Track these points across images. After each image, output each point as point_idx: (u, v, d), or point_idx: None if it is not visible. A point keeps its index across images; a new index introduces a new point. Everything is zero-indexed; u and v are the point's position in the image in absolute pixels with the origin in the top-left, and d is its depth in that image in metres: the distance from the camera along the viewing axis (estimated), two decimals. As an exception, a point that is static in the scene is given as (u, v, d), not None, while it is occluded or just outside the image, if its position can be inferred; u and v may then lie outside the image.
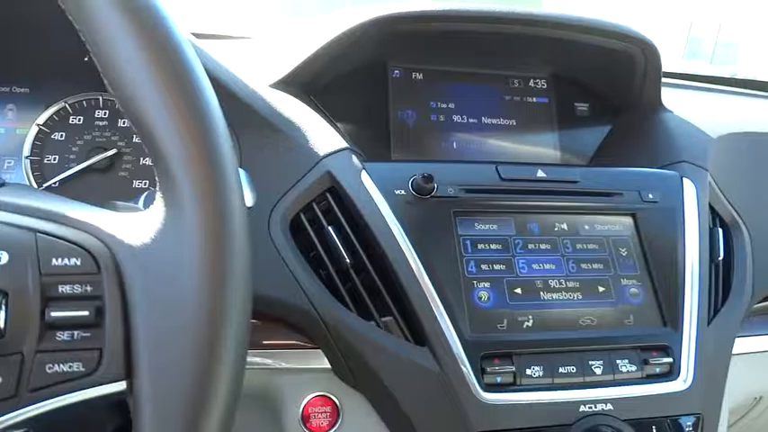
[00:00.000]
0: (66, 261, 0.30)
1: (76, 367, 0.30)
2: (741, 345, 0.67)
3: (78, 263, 0.30)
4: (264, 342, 0.57)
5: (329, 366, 0.57)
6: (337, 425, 0.57)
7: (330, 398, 0.58)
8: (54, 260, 0.30)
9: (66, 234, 0.31)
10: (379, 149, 0.74)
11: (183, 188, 0.30)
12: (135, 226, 0.32)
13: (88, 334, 0.30)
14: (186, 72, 0.31)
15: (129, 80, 0.30)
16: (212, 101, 0.33)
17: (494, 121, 0.80)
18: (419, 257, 0.56)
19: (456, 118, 0.79)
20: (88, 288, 0.30)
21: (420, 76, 0.79)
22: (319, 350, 0.57)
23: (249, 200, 0.44)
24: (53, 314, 0.30)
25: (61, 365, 0.30)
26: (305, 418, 0.57)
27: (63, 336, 0.30)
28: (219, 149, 0.32)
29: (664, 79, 1.00)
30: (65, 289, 0.30)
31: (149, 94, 0.30)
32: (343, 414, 0.58)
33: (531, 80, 0.82)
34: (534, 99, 0.82)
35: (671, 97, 0.82)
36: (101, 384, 0.30)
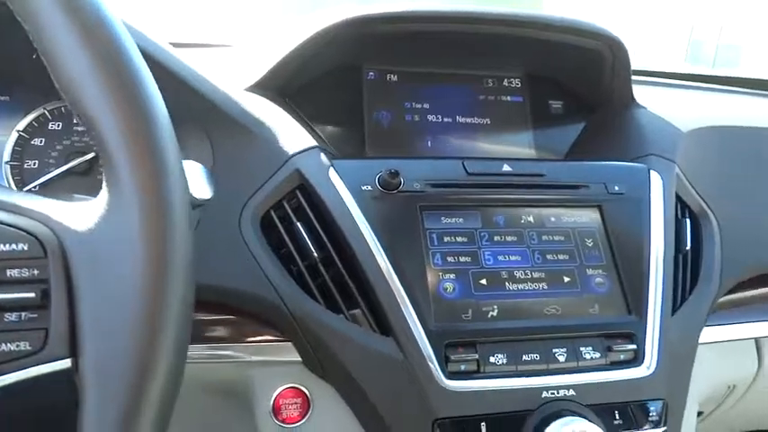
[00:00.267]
0: (14, 246, 0.32)
1: (23, 346, 0.32)
2: (711, 334, 0.68)
3: (26, 248, 0.32)
4: (235, 336, 0.59)
5: (299, 359, 0.58)
6: (308, 415, 0.59)
7: (301, 389, 0.59)
8: (2, 246, 0.32)
9: (15, 221, 0.33)
10: (355, 149, 0.76)
11: (123, 177, 0.32)
12: (82, 214, 0.34)
13: (35, 315, 0.32)
14: (126, 67, 0.33)
15: (73, 77, 0.32)
16: (154, 96, 0.34)
17: (468, 120, 0.82)
18: (385, 251, 0.58)
19: (431, 118, 0.81)
20: (35, 272, 0.32)
21: (395, 78, 0.81)
22: (290, 343, 0.58)
23: (206, 193, 0.45)
24: (1, 296, 0.32)
25: (9, 344, 0.31)
26: (276, 410, 0.58)
27: (11, 317, 0.32)
28: (159, 141, 0.33)
29: (641, 77, 1.02)
30: (12, 273, 0.32)
31: (92, 91, 0.32)
32: (313, 405, 0.59)
33: (506, 80, 0.84)
34: (509, 98, 0.84)
35: (647, 95, 0.84)
36: (46, 362, 0.32)
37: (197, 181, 0.44)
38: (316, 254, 0.58)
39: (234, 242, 0.58)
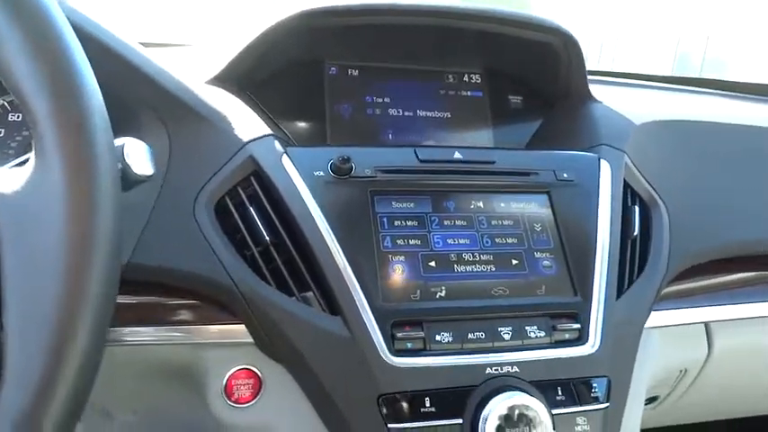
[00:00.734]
0: None
1: None
2: (661, 318, 0.70)
3: None
4: (188, 319, 0.60)
5: (252, 341, 0.60)
6: (259, 395, 0.60)
7: (253, 371, 0.60)
8: None
9: None
10: (317, 143, 0.78)
11: (48, 143, 0.34)
12: (10, 179, 0.36)
13: None
14: (54, 39, 0.35)
15: (3, 54, 0.34)
16: (82, 68, 0.36)
17: (429, 114, 0.84)
18: (336, 234, 0.59)
19: (392, 111, 0.83)
20: None
21: (356, 73, 0.83)
22: (242, 325, 0.60)
23: (148, 169, 0.47)
24: None
25: None
26: (228, 391, 0.59)
27: None
28: (85, 108, 0.35)
29: (600, 77, 1.05)
30: None
31: (20, 61, 0.33)
32: (265, 385, 0.60)
33: (466, 75, 0.86)
34: (469, 93, 0.86)
35: (604, 93, 0.86)
36: None
37: (139, 157, 0.45)
38: (268, 238, 0.59)
39: (188, 227, 0.59)
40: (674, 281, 0.72)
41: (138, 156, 0.45)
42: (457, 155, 0.67)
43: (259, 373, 0.60)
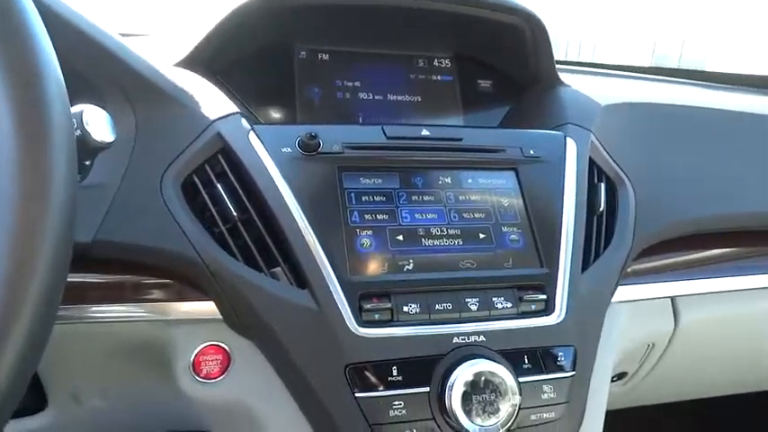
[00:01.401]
0: None
1: None
2: (628, 292, 0.71)
3: None
4: (156, 295, 0.60)
5: (220, 316, 0.60)
6: (228, 371, 0.60)
7: (221, 346, 0.60)
8: None
9: None
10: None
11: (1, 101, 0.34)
12: None
13: None
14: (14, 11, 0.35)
15: None
16: (38, 32, 0.36)
17: (399, 97, 0.84)
18: (304, 210, 0.59)
19: (362, 95, 0.83)
20: None
21: (326, 57, 0.83)
22: (210, 301, 0.59)
23: (107, 136, 0.47)
24: None
25: None
26: (196, 367, 0.59)
27: None
28: (36, 69, 0.35)
29: (571, 66, 1.07)
30: None
31: None
32: (233, 360, 0.60)
33: (436, 60, 0.87)
34: (439, 77, 0.87)
35: (574, 80, 0.87)
36: None
37: (98, 124, 0.45)
38: (236, 214, 0.59)
39: (155, 204, 0.59)
40: (641, 258, 0.73)
41: (98, 123, 0.45)
42: (424, 132, 0.68)
43: (227, 348, 0.60)
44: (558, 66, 0.85)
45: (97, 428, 0.80)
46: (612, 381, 0.80)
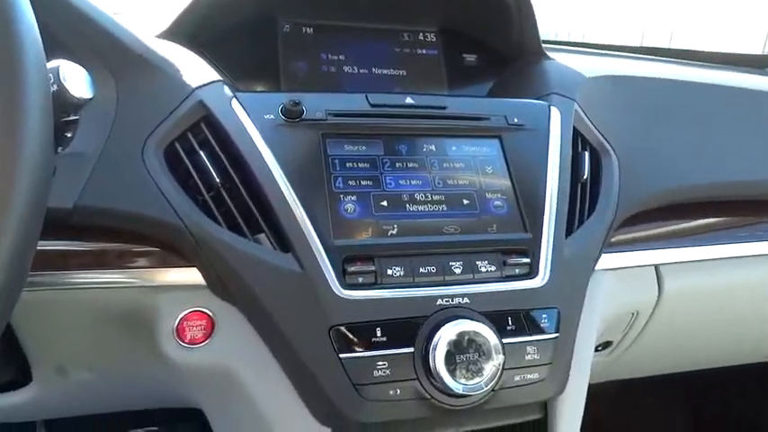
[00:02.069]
0: None
1: None
2: (611, 260, 0.72)
3: None
4: (139, 263, 0.60)
5: (203, 282, 0.59)
6: (212, 336, 0.60)
7: (205, 312, 0.60)
8: None
9: None
10: None
11: None
12: None
13: None
14: None
15: None
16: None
17: (384, 71, 0.84)
18: (287, 176, 0.59)
19: (347, 69, 0.83)
20: None
21: (310, 31, 0.83)
22: (194, 267, 0.59)
23: (85, 92, 0.46)
24: None
25: None
26: (179, 332, 0.59)
27: None
28: (11, 13, 0.34)
29: (557, 45, 1.07)
30: None
31: None
32: (217, 326, 0.60)
33: (421, 33, 0.87)
34: (423, 51, 0.87)
35: (565, 59, 0.87)
36: None
37: (76, 80, 0.45)
38: (218, 180, 0.59)
39: (136, 171, 0.58)
40: (625, 227, 0.74)
41: (75, 78, 0.45)
42: (408, 100, 0.68)
43: (211, 314, 0.60)
44: (543, 45, 0.85)
45: (83, 403, 0.80)
46: (597, 350, 0.81)
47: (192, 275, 0.60)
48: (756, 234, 0.83)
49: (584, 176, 0.70)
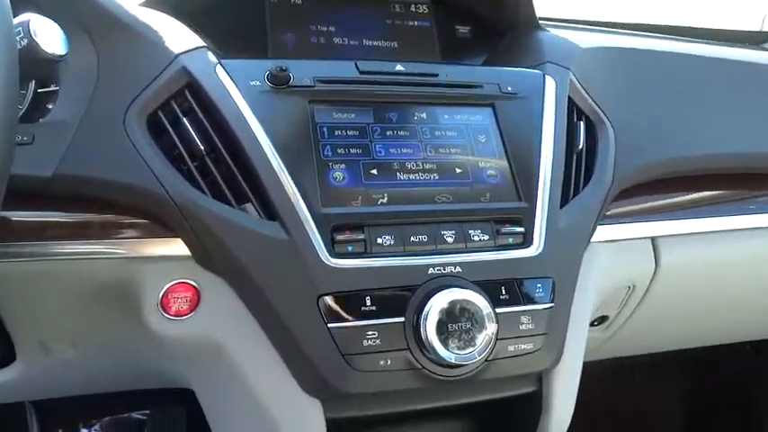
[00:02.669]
0: None
1: None
2: (608, 232, 0.70)
3: None
4: (122, 233, 0.58)
5: (189, 253, 0.58)
6: (197, 308, 0.58)
7: (190, 284, 0.58)
8: None
9: None
10: None
11: None
12: None
13: None
14: None
15: None
16: None
17: (375, 43, 0.82)
18: (273, 143, 0.57)
19: (337, 40, 0.81)
20: None
21: (299, 1, 0.81)
22: (178, 238, 0.58)
23: (59, 48, 0.44)
24: None
25: None
26: (164, 305, 0.57)
27: None
28: None
29: (550, 22, 1.05)
30: None
31: None
32: (203, 297, 0.58)
33: (413, 4, 0.85)
34: (415, 23, 0.85)
35: (560, 34, 0.85)
36: None
37: (48, 35, 0.43)
38: (203, 147, 0.57)
39: (118, 139, 0.57)
40: (621, 200, 0.72)
41: (47, 33, 0.43)
42: (399, 67, 0.66)
43: (197, 285, 0.58)
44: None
45: (71, 383, 0.78)
46: (593, 325, 0.80)
47: (176, 246, 0.58)
48: (753, 207, 0.82)
49: (580, 147, 0.68)
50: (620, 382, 1.37)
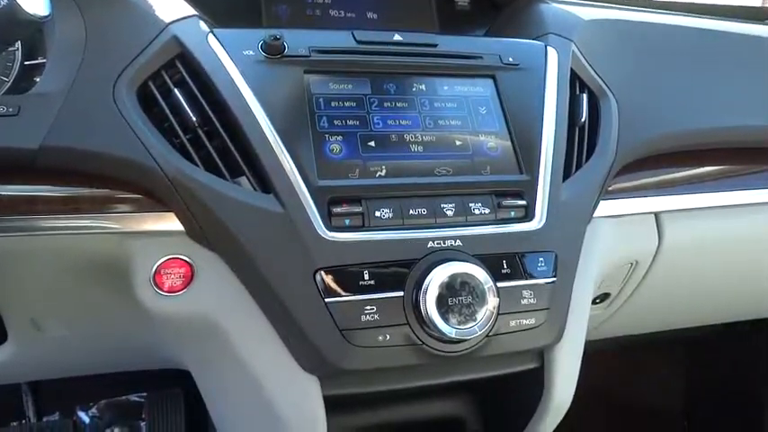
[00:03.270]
0: None
1: None
2: (611, 207, 0.69)
3: None
4: (111, 208, 0.56)
5: (182, 228, 0.56)
6: (191, 284, 0.57)
7: (184, 260, 0.57)
8: None
9: None
10: None
11: None
12: None
13: None
14: None
15: None
16: None
17: (372, 15, 0.80)
18: (268, 114, 0.56)
19: (333, 13, 0.79)
20: None
21: (294, -28, 0.78)
22: (171, 213, 0.56)
23: (41, 9, 0.42)
24: None
25: None
26: (157, 281, 0.56)
27: None
28: None
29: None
30: None
31: None
32: (197, 274, 0.57)
33: None
34: None
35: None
36: None
37: None
38: (195, 119, 0.55)
39: (107, 111, 0.55)
40: (624, 175, 0.71)
41: None
42: (397, 37, 0.64)
43: (190, 261, 0.57)
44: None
45: (64, 364, 0.77)
46: (595, 303, 0.79)
47: (168, 221, 0.56)
48: (759, 182, 0.80)
49: (582, 119, 0.67)
50: (614, 366, 1.36)
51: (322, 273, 0.52)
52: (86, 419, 1.09)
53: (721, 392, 1.35)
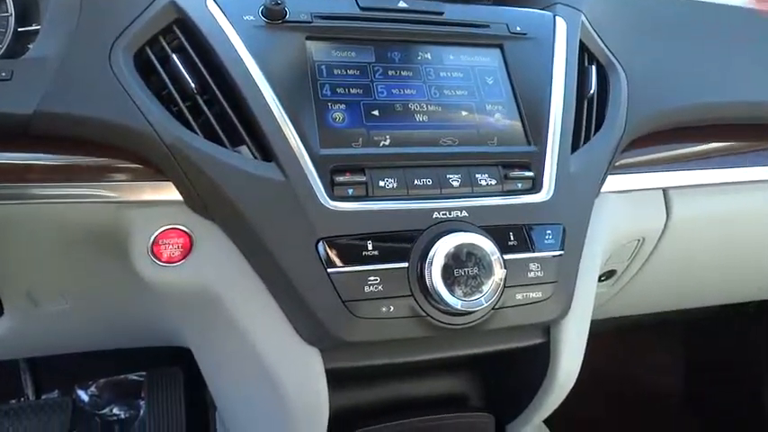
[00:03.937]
0: None
1: None
2: (619, 182, 0.68)
3: None
4: (108, 176, 0.55)
5: (180, 198, 0.55)
6: (189, 255, 0.55)
7: (182, 230, 0.55)
8: None
9: None
10: None
11: None
12: None
13: None
14: None
15: None
16: None
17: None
18: (269, 81, 0.54)
19: None
20: None
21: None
22: (169, 181, 0.55)
23: None
24: None
25: None
26: (155, 251, 0.55)
27: None
28: None
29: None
30: None
31: None
32: (196, 244, 0.55)
33: None
34: None
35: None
36: None
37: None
38: (196, 89, 0.54)
39: (103, 77, 0.53)
40: (633, 150, 0.69)
41: None
42: (402, 3, 0.63)
43: (189, 231, 0.55)
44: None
45: (62, 339, 0.76)
46: (601, 280, 0.77)
47: (167, 191, 0.55)
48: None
49: (591, 91, 0.65)
50: (615, 348, 1.35)
51: (324, 243, 0.51)
52: (85, 398, 1.08)
53: (723, 375, 1.35)
